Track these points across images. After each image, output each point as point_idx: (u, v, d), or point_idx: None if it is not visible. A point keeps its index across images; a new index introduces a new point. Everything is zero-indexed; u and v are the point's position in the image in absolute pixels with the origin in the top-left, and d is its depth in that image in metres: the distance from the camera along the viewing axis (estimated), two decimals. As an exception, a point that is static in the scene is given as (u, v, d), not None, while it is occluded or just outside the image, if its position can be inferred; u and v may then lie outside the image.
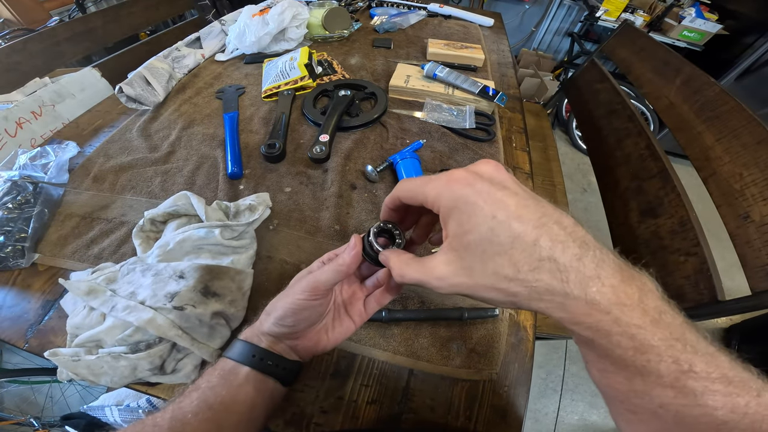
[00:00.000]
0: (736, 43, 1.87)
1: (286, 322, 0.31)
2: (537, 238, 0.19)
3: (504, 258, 0.20)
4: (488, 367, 0.43)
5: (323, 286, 0.30)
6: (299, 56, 0.87)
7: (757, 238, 0.52)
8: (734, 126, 0.63)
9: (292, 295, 0.31)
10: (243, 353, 0.31)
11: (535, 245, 0.19)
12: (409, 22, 1.26)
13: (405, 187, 0.26)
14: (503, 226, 0.20)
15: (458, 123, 0.76)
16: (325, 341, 0.34)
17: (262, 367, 0.31)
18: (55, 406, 1.18)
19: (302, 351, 0.34)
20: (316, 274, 0.31)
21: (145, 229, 0.51)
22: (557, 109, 2.45)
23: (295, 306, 0.31)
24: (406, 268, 0.25)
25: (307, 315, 0.31)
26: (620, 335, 0.19)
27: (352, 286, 0.37)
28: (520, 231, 0.20)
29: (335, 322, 0.35)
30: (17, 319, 0.46)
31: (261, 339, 0.32)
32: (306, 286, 0.30)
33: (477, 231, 0.21)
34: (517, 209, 0.20)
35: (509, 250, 0.20)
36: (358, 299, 0.36)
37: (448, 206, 0.22)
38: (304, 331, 0.33)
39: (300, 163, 0.66)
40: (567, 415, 1.25)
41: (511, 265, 0.20)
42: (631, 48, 1.02)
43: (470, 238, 0.21)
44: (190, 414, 0.27)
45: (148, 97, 0.77)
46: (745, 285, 0.50)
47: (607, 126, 0.96)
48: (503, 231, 0.20)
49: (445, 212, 0.22)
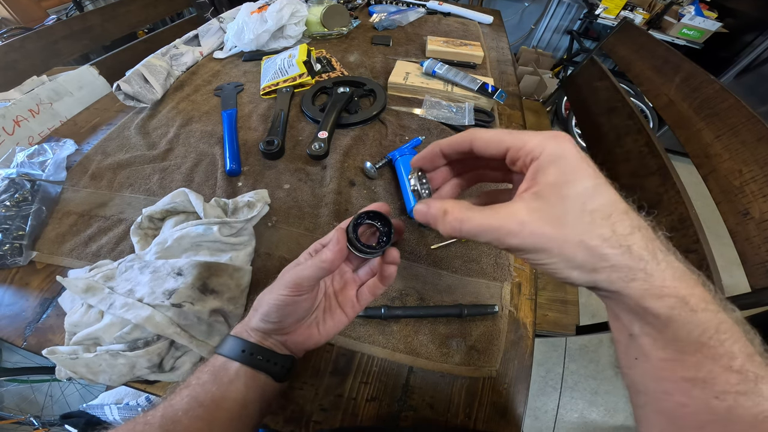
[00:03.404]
0: (736, 41, 1.87)
1: (271, 318, 0.30)
2: (627, 209, 0.20)
3: (602, 216, 0.19)
4: (488, 364, 0.43)
5: (306, 282, 0.29)
6: (298, 53, 0.87)
7: (757, 234, 0.52)
8: (734, 123, 0.63)
9: (276, 290, 0.30)
10: (233, 348, 0.30)
11: (627, 213, 0.20)
12: (408, 19, 1.26)
13: (488, 134, 0.24)
14: (603, 188, 0.20)
15: (457, 120, 0.75)
16: (316, 336, 0.33)
17: (253, 362, 0.30)
18: (55, 405, 1.18)
19: (293, 346, 0.33)
20: (299, 269, 0.30)
21: (143, 227, 0.51)
22: (556, 106, 2.44)
23: (279, 302, 0.30)
24: (468, 213, 0.22)
25: (292, 311, 0.30)
26: (704, 311, 0.19)
27: (344, 276, 0.35)
28: (616, 198, 0.20)
29: (326, 315, 0.34)
30: (15, 317, 0.46)
31: (250, 334, 0.32)
32: (289, 282, 0.29)
33: (581, 183, 0.20)
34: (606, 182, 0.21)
35: (608, 210, 0.20)
36: (351, 290, 0.35)
37: (554, 153, 0.21)
38: (292, 326, 0.32)
39: (299, 160, 0.66)
40: (566, 413, 1.26)
41: (608, 225, 0.19)
42: (631, 46, 1.02)
43: (572, 189, 0.20)
44: (181, 411, 0.27)
45: (146, 94, 0.77)
46: (744, 282, 0.50)
47: (606, 123, 0.96)
48: (604, 192, 0.20)
49: (548, 159, 0.21)
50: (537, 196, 0.21)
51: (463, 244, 0.54)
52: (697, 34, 1.91)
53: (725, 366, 0.19)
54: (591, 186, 0.20)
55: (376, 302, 0.47)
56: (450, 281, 0.50)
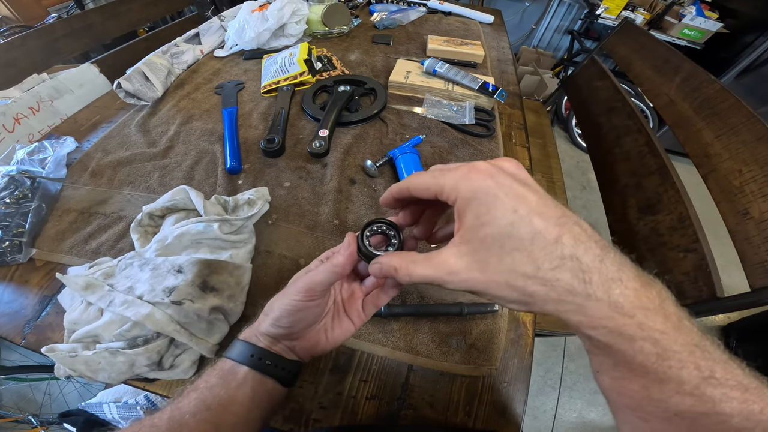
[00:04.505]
0: (736, 41, 1.87)
1: (282, 323, 0.31)
2: (559, 235, 0.19)
3: (523, 254, 0.19)
4: (488, 363, 0.43)
5: (319, 287, 0.29)
6: (299, 52, 0.87)
7: (757, 234, 0.52)
8: (734, 123, 0.62)
9: (288, 295, 0.30)
10: (241, 353, 0.31)
11: (557, 243, 0.19)
12: (409, 18, 1.26)
13: (418, 180, 0.25)
14: (524, 221, 0.19)
15: (458, 119, 0.75)
16: (324, 342, 0.33)
17: (261, 366, 0.30)
18: (54, 404, 1.18)
19: (301, 351, 0.33)
20: (312, 274, 0.30)
21: (143, 224, 0.51)
22: (557, 106, 2.45)
23: (291, 307, 0.30)
24: (412, 266, 0.24)
25: (303, 316, 0.31)
26: (644, 340, 0.19)
27: (351, 285, 0.36)
28: (542, 227, 0.19)
29: (334, 322, 0.34)
30: (15, 315, 0.46)
31: (259, 339, 0.32)
32: (302, 287, 0.30)
33: (495, 224, 0.20)
34: (538, 206, 0.20)
35: (529, 246, 0.19)
36: (357, 299, 0.35)
37: (466, 197, 0.21)
38: (301, 332, 0.32)
39: (299, 158, 0.66)
40: (565, 413, 1.26)
41: (530, 262, 0.19)
42: (632, 45, 1.02)
43: (487, 231, 0.20)
44: (188, 414, 0.27)
45: (147, 92, 0.77)
46: (743, 282, 0.50)
47: (606, 123, 0.96)
48: (524, 226, 0.19)
49: (463, 203, 0.21)
50: (463, 241, 0.22)
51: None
52: (697, 35, 1.91)
53: (675, 390, 0.19)
54: (507, 223, 0.19)
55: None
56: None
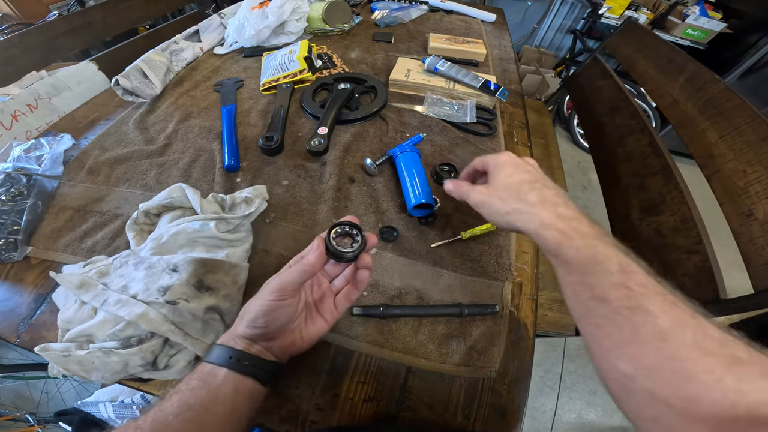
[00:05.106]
0: (740, 42, 1.86)
1: (258, 323, 0.33)
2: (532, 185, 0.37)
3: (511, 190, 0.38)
4: (487, 364, 0.42)
5: (290, 286, 0.33)
6: (299, 49, 0.86)
7: (761, 235, 0.51)
8: (738, 123, 0.62)
9: (262, 297, 0.33)
10: (220, 356, 0.32)
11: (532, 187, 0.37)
12: (411, 16, 1.25)
13: (479, 161, 0.45)
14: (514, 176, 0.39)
15: (459, 117, 0.75)
16: (299, 341, 0.36)
17: (240, 367, 0.31)
18: (51, 402, 1.18)
19: (278, 351, 0.35)
20: (284, 275, 0.33)
21: (139, 222, 0.50)
22: (558, 106, 2.44)
23: (265, 307, 0.32)
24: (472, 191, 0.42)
25: (277, 316, 0.33)
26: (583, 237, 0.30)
27: (321, 286, 0.39)
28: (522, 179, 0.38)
29: (308, 322, 0.37)
30: (9, 313, 0.45)
31: (237, 342, 0.33)
32: (274, 287, 0.32)
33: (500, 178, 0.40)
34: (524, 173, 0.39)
35: (516, 188, 0.38)
36: (328, 298, 0.39)
37: (494, 165, 0.41)
38: (276, 332, 0.34)
39: (298, 156, 0.65)
40: (564, 414, 1.25)
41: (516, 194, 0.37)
42: (635, 45, 1.01)
43: (497, 182, 0.40)
44: (171, 415, 0.28)
45: (145, 89, 0.76)
46: (744, 284, 0.50)
47: (609, 123, 0.95)
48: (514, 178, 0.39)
49: (491, 168, 0.42)
50: (490, 186, 0.41)
51: (463, 243, 0.53)
52: (701, 35, 1.89)
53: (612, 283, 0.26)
54: (504, 176, 0.39)
55: (374, 301, 0.47)
56: (450, 280, 0.49)
